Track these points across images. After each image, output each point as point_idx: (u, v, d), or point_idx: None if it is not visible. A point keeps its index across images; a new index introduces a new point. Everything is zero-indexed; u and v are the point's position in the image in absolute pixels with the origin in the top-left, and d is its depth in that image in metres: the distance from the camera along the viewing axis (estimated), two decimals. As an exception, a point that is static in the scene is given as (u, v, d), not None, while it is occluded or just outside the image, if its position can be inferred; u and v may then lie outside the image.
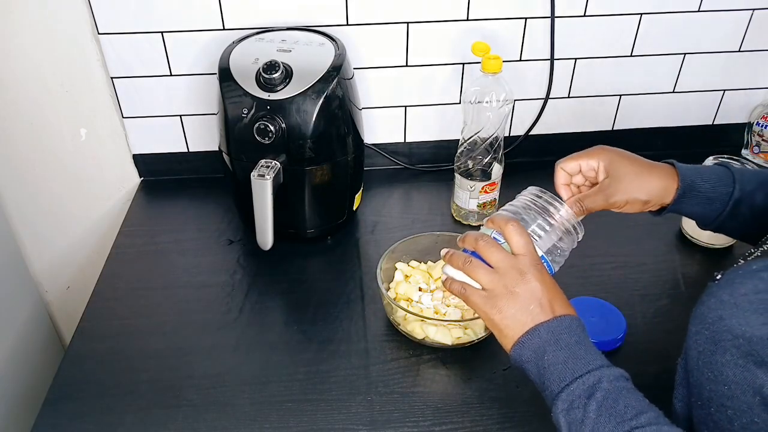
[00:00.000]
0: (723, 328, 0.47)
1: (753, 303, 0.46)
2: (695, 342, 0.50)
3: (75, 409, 0.72)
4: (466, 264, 0.60)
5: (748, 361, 0.45)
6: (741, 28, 1.09)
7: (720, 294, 0.49)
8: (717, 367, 0.48)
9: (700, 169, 0.68)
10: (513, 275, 0.58)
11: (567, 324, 0.57)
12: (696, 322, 0.50)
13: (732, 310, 0.47)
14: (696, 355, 0.50)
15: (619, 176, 0.66)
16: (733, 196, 0.66)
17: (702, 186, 0.66)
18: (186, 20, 0.98)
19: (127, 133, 1.08)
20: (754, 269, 0.49)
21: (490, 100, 0.91)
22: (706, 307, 0.49)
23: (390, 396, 0.73)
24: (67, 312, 1.27)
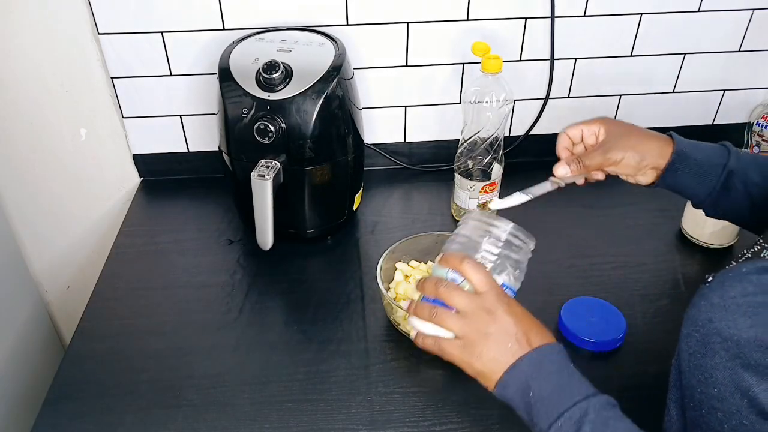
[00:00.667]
0: (712, 330, 0.47)
1: (741, 306, 0.46)
2: (686, 344, 0.50)
3: (75, 409, 0.72)
4: (433, 316, 0.58)
5: (736, 363, 0.46)
6: (741, 28, 1.09)
7: (710, 296, 0.49)
8: (707, 370, 0.48)
9: (697, 142, 0.69)
10: (482, 317, 0.57)
11: (547, 353, 0.57)
12: (688, 324, 0.51)
13: (721, 313, 0.47)
14: (687, 357, 0.50)
15: (616, 134, 0.69)
16: (727, 167, 0.66)
17: (696, 155, 0.67)
18: (186, 20, 0.98)
19: (127, 133, 1.08)
20: (743, 272, 0.49)
21: (490, 100, 0.91)
22: (697, 310, 0.49)
23: (390, 396, 0.73)
24: (67, 312, 1.27)
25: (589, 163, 0.69)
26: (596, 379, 0.75)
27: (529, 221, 1.01)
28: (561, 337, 0.80)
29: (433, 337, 0.59)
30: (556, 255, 0.94)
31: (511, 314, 0.57)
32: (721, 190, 0.67)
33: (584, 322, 0.80)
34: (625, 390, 0.73)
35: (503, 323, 0.57)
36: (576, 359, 0.77)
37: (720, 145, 0.69)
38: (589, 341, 0.78)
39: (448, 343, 0.58)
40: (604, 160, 0.68)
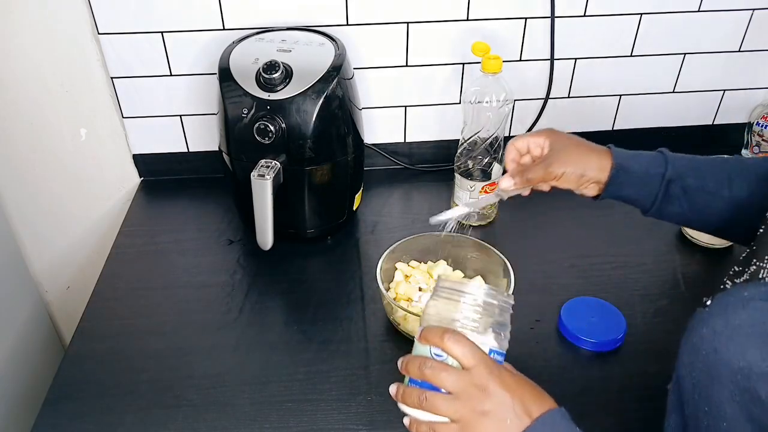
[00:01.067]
0: (719, 361, 0.45)
1: (750, 336, 0.44)
2: (689, 374, 0.48)
3: (75, 409, 0.72)
4: (423, 403, 0.54)
5: (747, 398, 0.43)
6: (741, 28, 1.09)
7: (713, 323, 0.46)
8: (715, 403, 0.45)
9: (635, 153, 0.71)
10: (475, 394, 0.52)
11: (549, 423, 0.53)
12: (688, 351, 0.48)
13: (727, 342, 0.45)
14: (691, 387, 0.48)
15: (558, 149, 0.70)
16: (665, 176, 0.68)
17: (634, 167, 0.69)
18: (186, 20, 0.98)
19: (127, 133, 1.08)
20: (746, 296, 0.46)
21: (490, 100, 0.91)
22: (699, 337, 0.47)
23: (390, 396, 0.72)
24: (67, 312, 1.27)
25: (532, 176, 0.70)
26: (596, 379, 0.75)
27: (529, 221, 1.01)
28: (561, 337, 0.80)
29: (427, 423, 0.54)
30: (556, 255, 0.94)
31: (505, 386, 0.53)
32: (663, 198, 0.69)
33: (584, 322, 0.80)
34: (625, 390, 0.73)
35: (498, 398, 0.52)
36: (576, 359, 0.78)
37: (657, 153, 0.71)
38: (589, 341, 0.78)
39: (444, 427, 0.53)
40: (546, 174, 0.70)
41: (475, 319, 0.55)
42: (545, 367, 0.75)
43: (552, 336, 0.81)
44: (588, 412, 0.70)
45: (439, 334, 0.54)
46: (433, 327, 0.55)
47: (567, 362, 0.77)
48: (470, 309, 0.56)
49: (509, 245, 0.86)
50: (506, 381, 0.53)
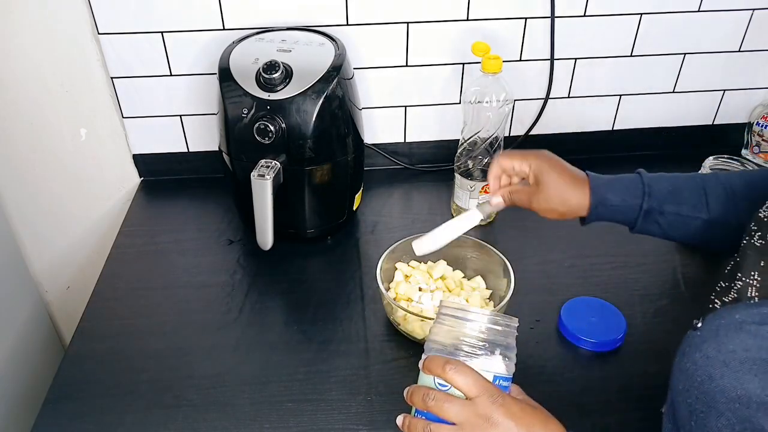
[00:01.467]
0: (715, 389, 0.44)
1: (744, 363, 0.43)
2: (685, 401, 0.47)
3: (75, 409, 0.72)
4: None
5: (746, 426, 0.42)
6: (741, 28, 1.09)
7: (706, 349, 0.46)
8: (712, 430, 0.45)
9: (613, 182, 0.71)
10: (479, 424, 0.51)
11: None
12: (682, 378, 0.47)
13: (722, 369, 0.44)
14: (687, 415, 0.47)
15: (543, 187, 0.72)
16: (642, 207, 0.70)
17: (612, 200, 0.70)
18: (186, 20, 0.98)
19: (127, 133, 1.08)
20: (737, 320, 0.46)
21: (490, 100, 0.91)
22: (693, 363, 0.46)
23: (390, 396, 0.73)
24: (67, 312, 1.27)
25: (517, 201, 0.75)
26: (596, 380, 0.75)
27: (529, 221, 1.01)
28: (561, 337, 0.80)
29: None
30: (556, 255, 0.94)
31: (510, 416, 0.52)
32: (643, 223, 0.71)
33: (584, 322, 0.80)
34: (625, 390, 0.73)
35: (503, 427, 0.51)
36: (576, 359, 0.78)
37: (636, 176, 0.71)
38: (589, 341, 0.78)
39: None
40: (529, 206, 0.74)
41: (479, 345, 0.54)
42: (545, 367, 0.75)
43: (552, 336, 0.81)
44: (588, 412, 0.70)
45: (441, 365, 0.53)
46: (435, 357, 0.54)
47: (567, 362, 0.77)
48: (474, 334, 0.55)
49: (509, 245, 0.86)
50: (511, 410, 0.52)
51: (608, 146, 1.19)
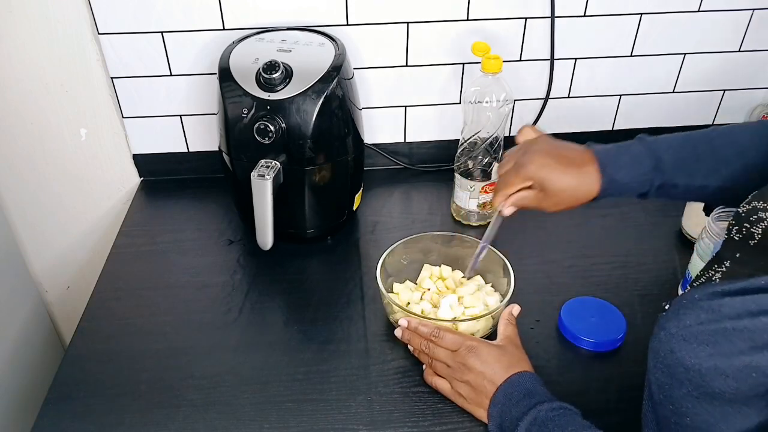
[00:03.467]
0: (675, 361, 0.48)
1: (697, 334, 0.47)
2: (655, 376, 0.51)
3: (75, 409, 0.72)
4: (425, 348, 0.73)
5: (701, 393, 0.46)
6: (741, 28, 1.09)
7: (668, 326, 0.49)
8: (677, 401, 0.48)
9: (620, 156, 0.69)
10: (459, 368, 0.69)
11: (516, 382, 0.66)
12: (652, 356, 0.51)
13: (681, 343, 0.47)
14: (657, 390, 0.51)
15: (550, 193, 0.70)
16: (654, 183, 0.68)
17: (622, 178, 0.68)
18: (186, 20, 0.98)
19: (127, 133, 1.08)
20: (696, 298, 0.49)
21: (490, 100, 0.91)
22: (658, 341, 0.50)
23: (390, 396, 0.73)
24: (67, 312, 1.27)
25: (527, 206, 0.73)
26: (596, 380, 0.75)
27: (529, 222, 1.01)
28: (561, 337, 0.80)
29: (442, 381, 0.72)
30: (556, 255, 0.94)
31: (481, 362, 0.68)
32: (656, 196, 0.70)
33: (584, 322, 0.80)
34: (625, 390, 0.73)
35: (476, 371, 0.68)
36: (576, 359, 0.78)
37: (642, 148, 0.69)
38: (589, 341, 0.78)
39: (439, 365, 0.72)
40: (540, 209, 0.73)
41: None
42: (545, 367, 0.75)
43: (552, 336, 0.81)
44: (588, 412, 0.70)
45: (427, 333, 0.72)
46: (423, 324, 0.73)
47: (567, 362, 0.77)
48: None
49: (509, 245, 0.86)
50: (482, 356, 0.68)
51: (608, 146, 1.19)
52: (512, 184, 0.72)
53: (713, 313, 0.47)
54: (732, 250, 0.55)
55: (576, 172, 0.69)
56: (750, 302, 0.46)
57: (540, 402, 0.63)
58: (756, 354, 0.43)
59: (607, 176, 0.68)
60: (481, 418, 0.68)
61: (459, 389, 0.69)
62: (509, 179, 0.72)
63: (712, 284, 0.52)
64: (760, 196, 0.55)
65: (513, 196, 0.73)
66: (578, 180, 0.69)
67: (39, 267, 1.22)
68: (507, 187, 0.72)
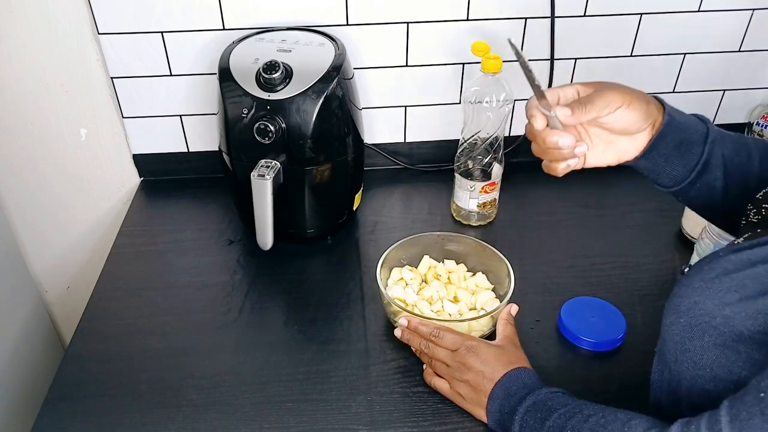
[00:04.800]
0: (699, 312, 0.48)
1: (725, 282, 0.48)
2: (671, 333, 0.51)
3: (75, 409, 0.72)
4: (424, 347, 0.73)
5: (726, 339, 0.46)
6: (741, 28, 1.09)
7: (691, 282, 0.50)
8: (696, 352, 0.49)
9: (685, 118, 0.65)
10: (459, 367, 0.69)
11: (514, 376, 0.66)
12: (670, 313, 0.52)
13: (706, 294, 0.48)
14: (673, 347, 0.51)
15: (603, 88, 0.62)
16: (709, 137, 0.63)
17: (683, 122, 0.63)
18: (186, 20, 0.98)
19: (127, 133, 1.08)
20: (719, 255, 0.50)
21: (490, 100, 0.91)
22: (678, 297, 0.51)
23: (390, 396, 0.73)
24: (67, 312, 1.27)
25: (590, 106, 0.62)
26: (596, 380, 0.75)
27: (529, 221, 1.01)
28: (561, 337, 0.80)
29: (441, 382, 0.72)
30: (556, 255, 0.94)
31: (480, 361, 0.68)
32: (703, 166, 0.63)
33: (584, 322, 0.80)
34: (625, 390, 0.73)
35: (474, 370, 0.68)
36: (576, 359, 0.78)
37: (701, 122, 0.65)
38: (588, 341, 0.78)
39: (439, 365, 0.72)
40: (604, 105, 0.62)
41: None
42: (545, 367, 0.75)
43: (552, 336, 0.81)
44: (588, 412, 0.70)
45: (427, 333, 0.72)
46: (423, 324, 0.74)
47: (567, 362, 0.77)
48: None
49: (509, 245, 0.86)
50: (481, 356, 0.68)
51: (608, 146, 1.19)
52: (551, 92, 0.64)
53: (741, 263, 0.48)
54: (751, 229, 0.55)
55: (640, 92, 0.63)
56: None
57: (538, 388, 0.64)
58: None
59: (669, 114, 0.63)
60: (480, 418, 0.68)
61: (458, 389, 0.69)
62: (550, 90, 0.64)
63: (735, 245, 0.52)
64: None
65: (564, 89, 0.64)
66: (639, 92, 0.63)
67: (39, 267, 1.22)
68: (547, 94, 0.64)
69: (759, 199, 0.57)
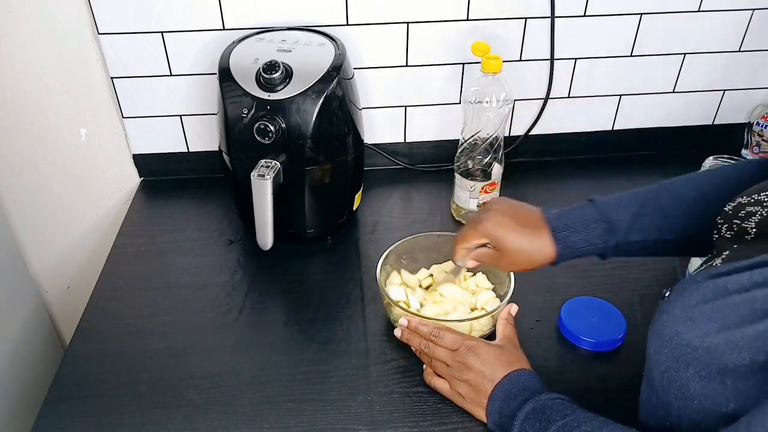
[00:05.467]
0: (681, 342, 0.47)
1: (704, 312, 0.47)
2: (656, 362, 0.51)
3: (75, 409, 0.72)
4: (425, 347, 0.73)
5: (711, 371, 0.45)
6: (741, 28, 1.09)
7: (671, 309, 0.49)
8: (682, 383, 0.48)
9: (572, 221, 0.69)
10: (459, 367, 0.69)
11: (515, 378, 0.66)
12: (653, 340, 0.51)
13: (686, 324, 0.47)
14: (659, 375, 0.50)
15: (505, 253, 0.69)
16: (609, 244, 0.68)
17: (577, 243, 0.68)
18: (186, 20, 0.98)
19: (127, 133, 1.08)
20: (698, 280, 0.49)
21: (490, 100, 0.91)
22: (660, 325, 0.50)
23: (390, 396, 0.73)
24: (67, 312, 1.27)
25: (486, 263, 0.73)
26: (596, 380, 0.75)
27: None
28: (561, 337, 0.80)
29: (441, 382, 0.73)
30: (556, 255, 0.94)
31: (480, 361, 0.68)
32: (615, 255, 0.70)
33: (584, 322, 0.80)
34: (625, 390, 0.73)
35: (475, 370, 0.68)
36: (576, 359, 0.78)
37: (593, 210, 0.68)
38: (588, 341, 0.78)
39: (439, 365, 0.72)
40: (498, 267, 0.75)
41: None
42: (545, 367, 0.75)
43: (552, 336, 0.81)
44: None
45: (428, 333, 0.72)
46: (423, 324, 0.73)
47: (567, 362, 0.77)
48: None
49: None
50: (481, 356, 0.68)
51: (608, 146, 1.19)
52: (469, 239, 0.71)
53: (719, 291, 0.47)
54: (727, 246, 0.55)
55: (530, 233, 0.69)
56: (757, 275, 0.46)
57: (539, 393, 0.64)
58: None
59: (561, 242, 0.68)
60: (480, 418, 0.68)
61: (458, 388, 0.69)
62: (467, 233, 0.72)
63: (713, 268, 0.52)
64: (745, 194, 0.56)
65: (473, 252, 0.72)
66: (531, 242, 0.68)
67: (39, 267, 1.22)
68: (464, 241, 0.72)
69: (729, 213, 0.56)
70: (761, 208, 0.54)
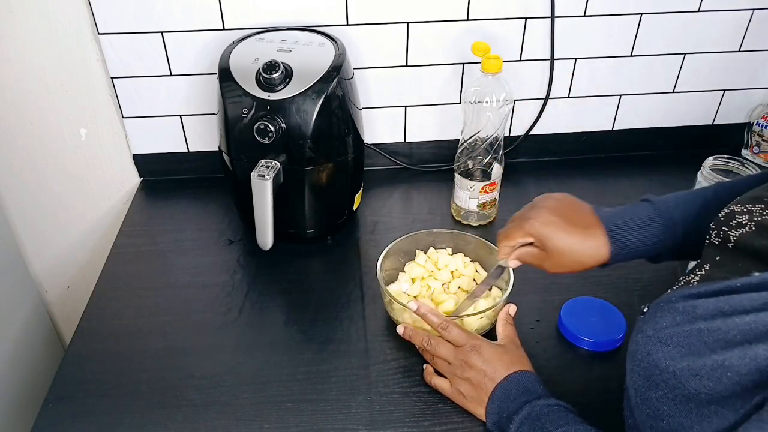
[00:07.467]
0: (651, 363, 0.47)
1: (672, 336, 0.47)
2: (632, 380, 0.51)
3: (75, 409, 0.72)
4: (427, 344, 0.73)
5: (677, 395, 0.46)
6: (741, 28, 1.09)
7: (645, 329, 0.49)
8: (653, 403, 0.48)
9: (628, 221, 0.66)
10: (461, 365, 0.69)
11: (515, 379, 0.66)
12: (629, 359, 0.51)
13: (657, 345, 0.47)
14: (634, 393, 0.50)
15: (552, 253, 0.67)
16: (666, 245, 0.66)
17: (632, 243, 0.66)
18: (186, 20, 0.98)
19: (127, 133, 1.08)
20: (672, 300, 0.49)
21: (490, 100, 0.91)
22: (635, 344, 0.50)
23: (390, 396, 0.73)
24: (67, 312, 1.27)
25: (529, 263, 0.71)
26: (596, 380, 0.75)
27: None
28: (561, 337, 0.80)
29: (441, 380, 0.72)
30: (556, 255, 0.94)
31: (483, 360, 0.68)
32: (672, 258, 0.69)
33: (584, 322, 0.80)
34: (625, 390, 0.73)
35: (477, 368, 0.68)
36: (576, 359, 0.78)
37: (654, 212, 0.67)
38: (588, 341, 0.78)
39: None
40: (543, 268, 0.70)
41: None
42: (545, 367, 0.75)
43: (552, 336, 0.81)
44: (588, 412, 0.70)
45: (437, 323, 0.73)
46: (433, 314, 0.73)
47: (567, 362, 0.77)
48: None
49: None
50: (484, 355, 0.68)
51: (608, 146, 1.19)
52: (513, 237, 0.69)
53: (687, 315, 0.47)
54: (712, 254, 0.55)
55: (582, 233, 0.65)
56: (723, 303, 0.46)
57: (537, 398, 0.64)
58: (727, 352, 0.43)
59: (617, 242, 0.65)
60: (480, 417, 0.68)
61: (459, 387, 0.69)
62: (511, 231, 0.69)
63: (689, 287, 0.52)
64: (739, 201, 0.56)
65: (517, 251, 0.70)
66: (583, 243, 0.65)
67: (39, 267, 1.22)
68: (507, 239, 0.70)
69: (721, 219, 0.56)
70: (749, 219, 0.54)
